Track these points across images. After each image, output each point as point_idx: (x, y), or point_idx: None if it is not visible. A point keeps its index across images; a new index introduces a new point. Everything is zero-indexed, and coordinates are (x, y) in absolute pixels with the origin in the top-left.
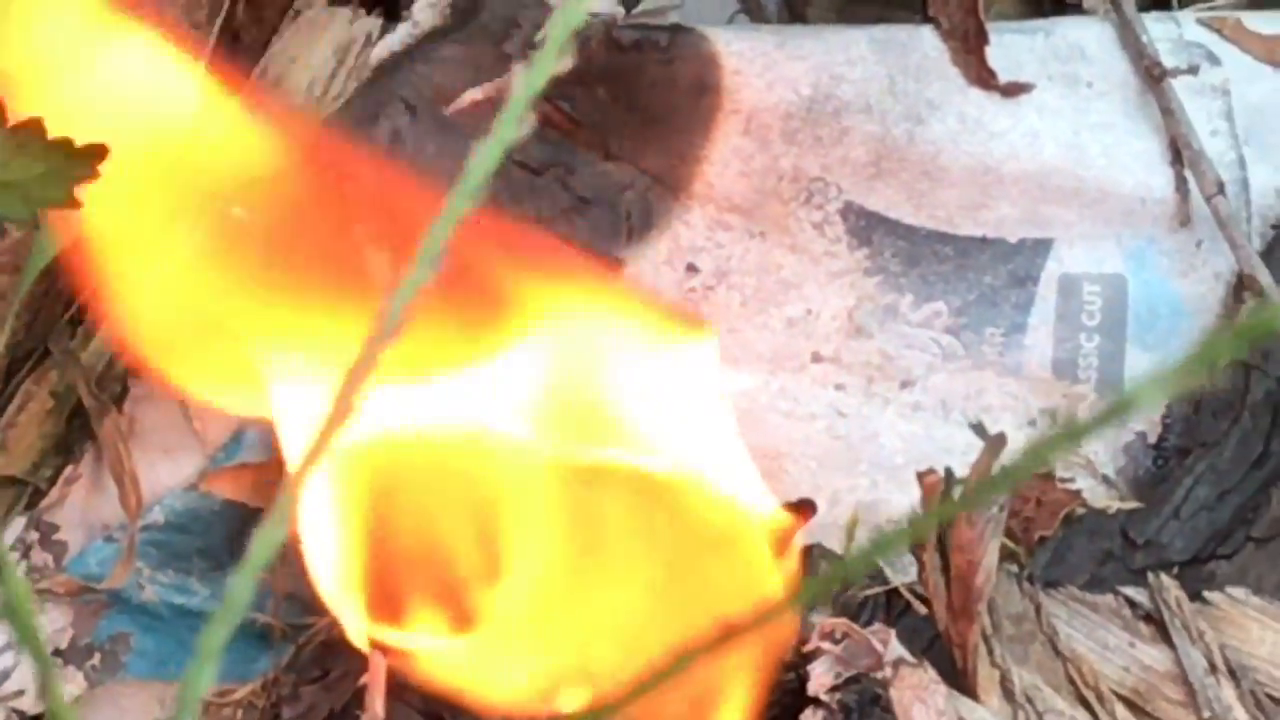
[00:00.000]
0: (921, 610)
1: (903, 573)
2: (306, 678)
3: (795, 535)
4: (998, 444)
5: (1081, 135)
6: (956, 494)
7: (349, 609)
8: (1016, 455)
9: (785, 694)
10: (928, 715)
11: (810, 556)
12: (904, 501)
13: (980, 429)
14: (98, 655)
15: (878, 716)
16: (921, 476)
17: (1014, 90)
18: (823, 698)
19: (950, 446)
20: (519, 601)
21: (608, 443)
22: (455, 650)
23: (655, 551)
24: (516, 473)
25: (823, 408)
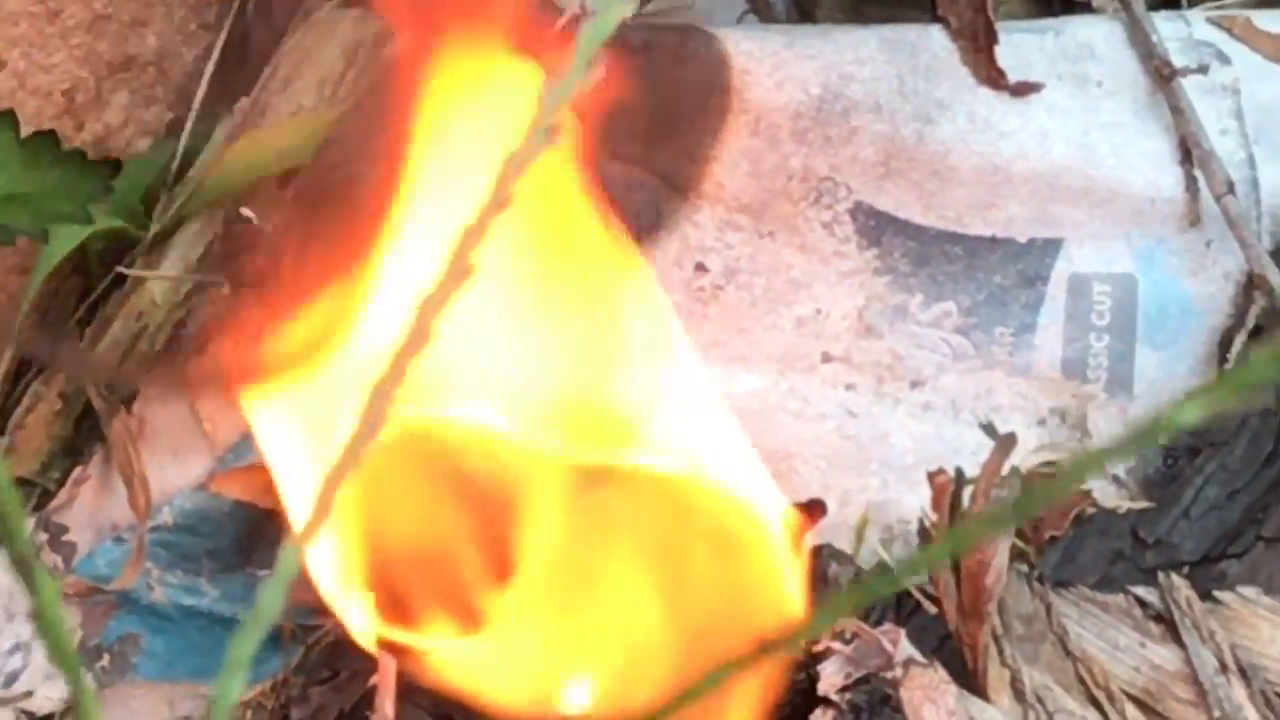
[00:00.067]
0: (932, 610)
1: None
2: (316, 679)
3: (806, 536)
4: (1008, 444)
5: (1091, 135)
6: (966, 494)
7: (358, 610)
8: (1066, 468)
9: (795, 694)
10: (938, 715)
11: (820, 557)
12: (914, 501)
13: (990, 429)
14: (107, 656)
15: (888, 716)
16: (932, 476)
17: (1023, 90)
18: (833, 697)
19: (960, 446)
20: (529, 602)
21: (617, 443)
22: (465, 651)
23: (665, 552)
24: (527, 474)
25: (833, 408)
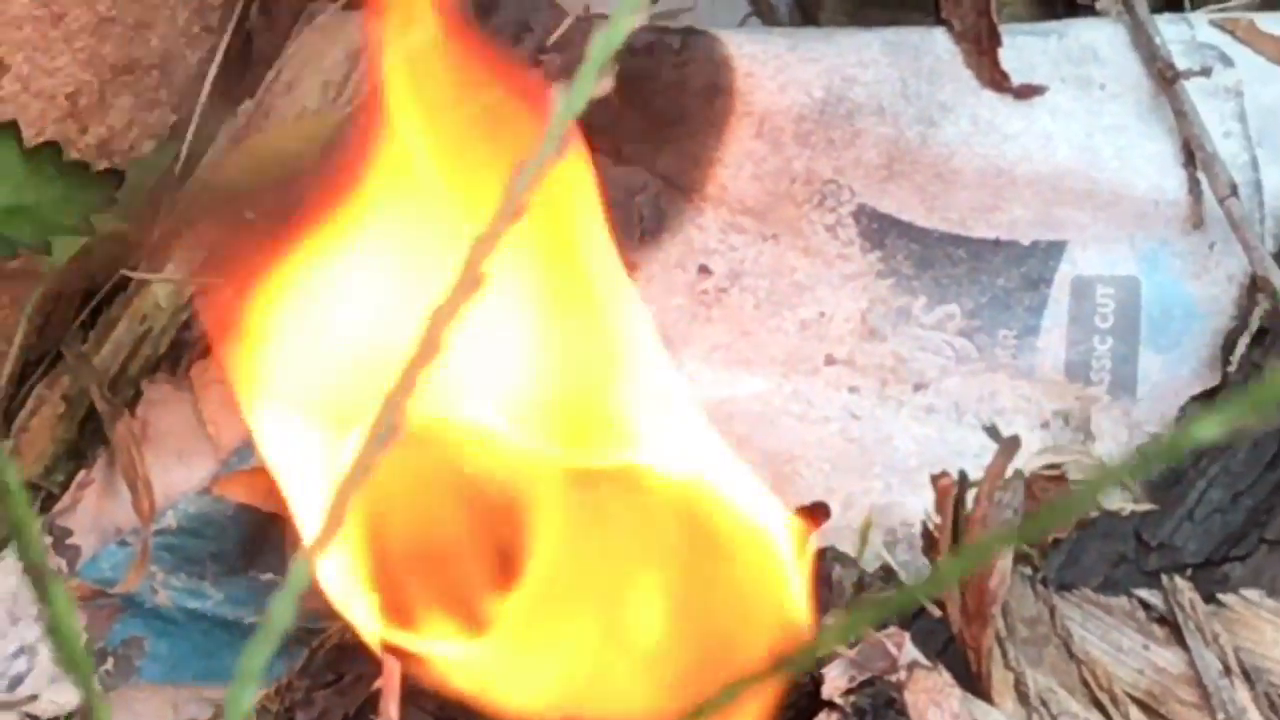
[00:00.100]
0: (936, 613)
1: (917, 575)
2: (320, 682)
3: (809, 539)
4: (1011, 446)
5: (1094, 137)
6: (970, 497)
7: (364, 613)
8: (1080, 485)
9: (800, 697)
10: (942, 718)
11: (824, 560)
12: (918, 504)
13: (994, 431)
14: (111, 660)
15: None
16: (935, 479)
17: (1027, 92)
18: (837, 701)
19: (963, 449)
20: (533, 606)
21: (620, 446)
22: (469, 655)
23: (669, 555)
24: (531, 477)
25: (836, 410)
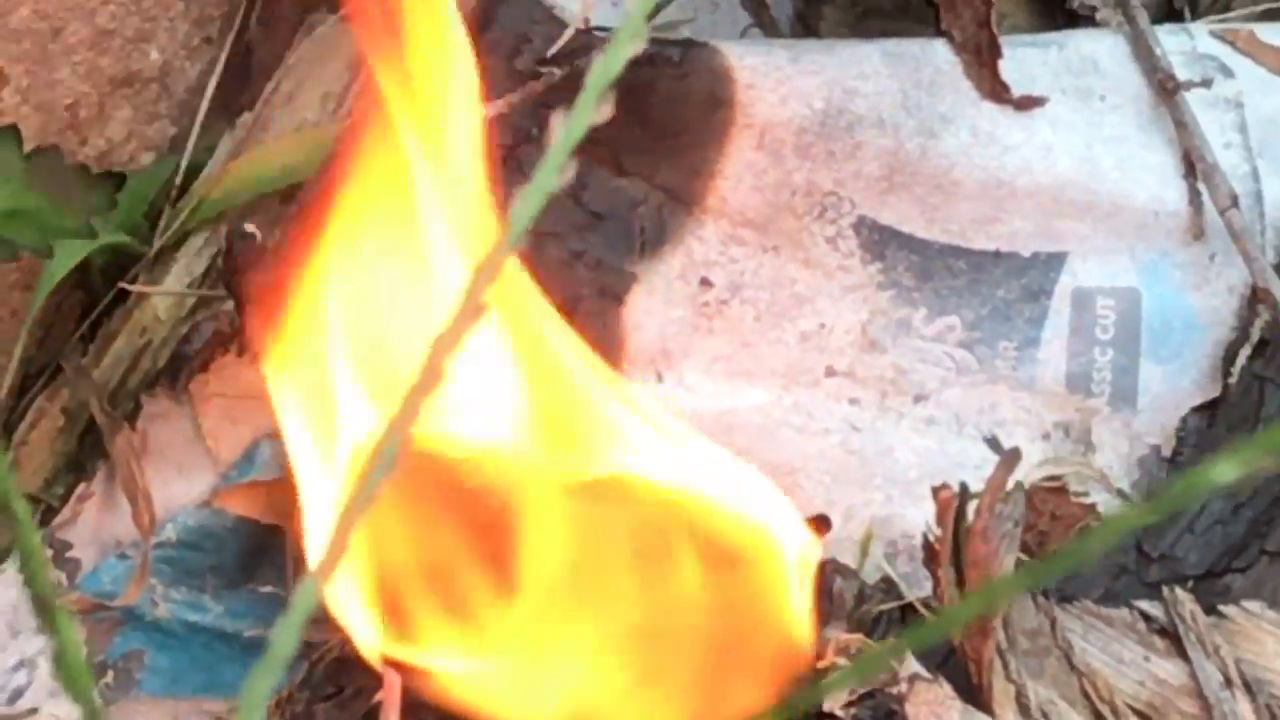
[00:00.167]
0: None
1: (917, 587)
2: (320, 695)
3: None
4: (1012, 458)
5: (1095, 148)
6: (970, 508)
7: (364, 626)
8: (1096, 528)
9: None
10: None
11: (825, 572)
12: (918, 516)
13: (994, 443)
14: (111, 673)
15: None
16: (936, 491)
17: (1027, 104)
18: (838, 713)
19: (964, 461)
20: (533, 619)
21: (619, 459)
22: (470, 668)
23: (669, 568)
24: (530, 491)
25: (836, 422)
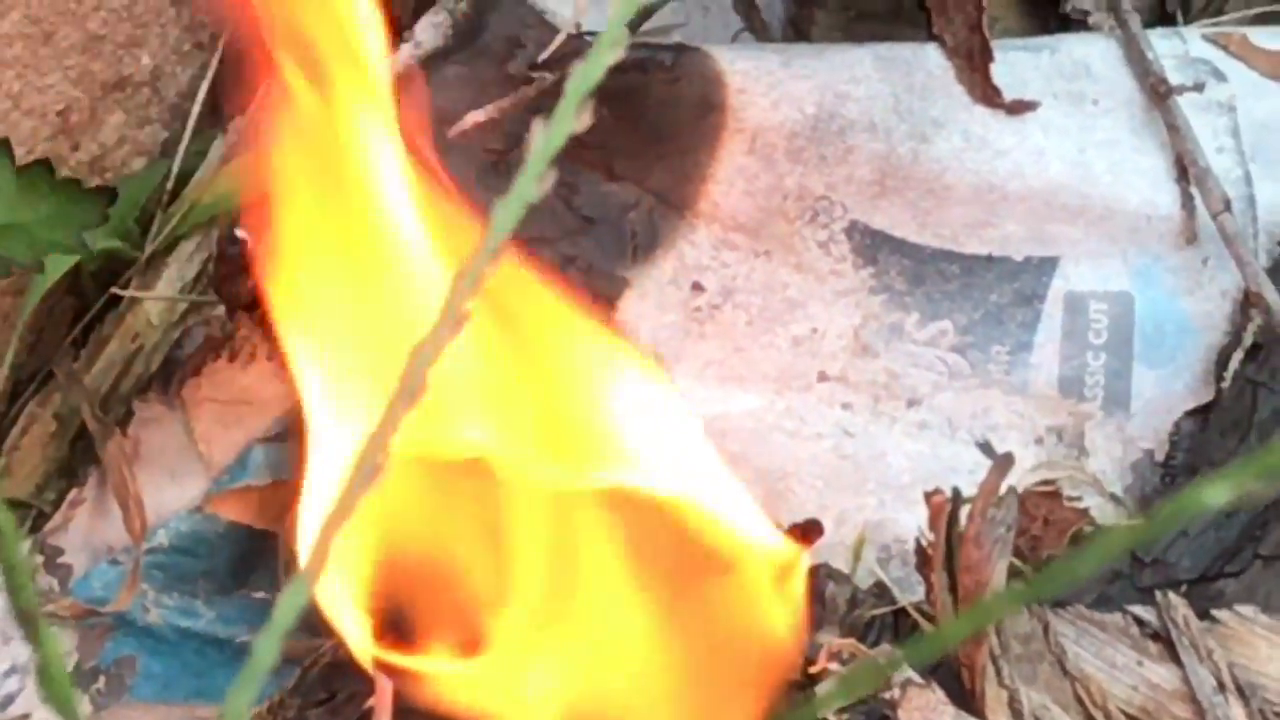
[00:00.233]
0: (930, 630)
1: (910, 592)
2: (312, 700)
3: (801, 558)
4: (1005, 463)
5: (1087, 152)
6: (963, 513)
7: (356, 631)
8: (1087, 549)
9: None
10: None
11: (817, 576)
12: (911, 521)
13: (987, 448)
14: (103, 679)
15: None
16: (929, 496)
17: (1019, 108)
18: (830, 718)
19: (957, 465)
20: (526, 625)
21: (612, 466)
22: (462, 673)
23: (662, 574)
24: (523, 497)
25: (829, 427)
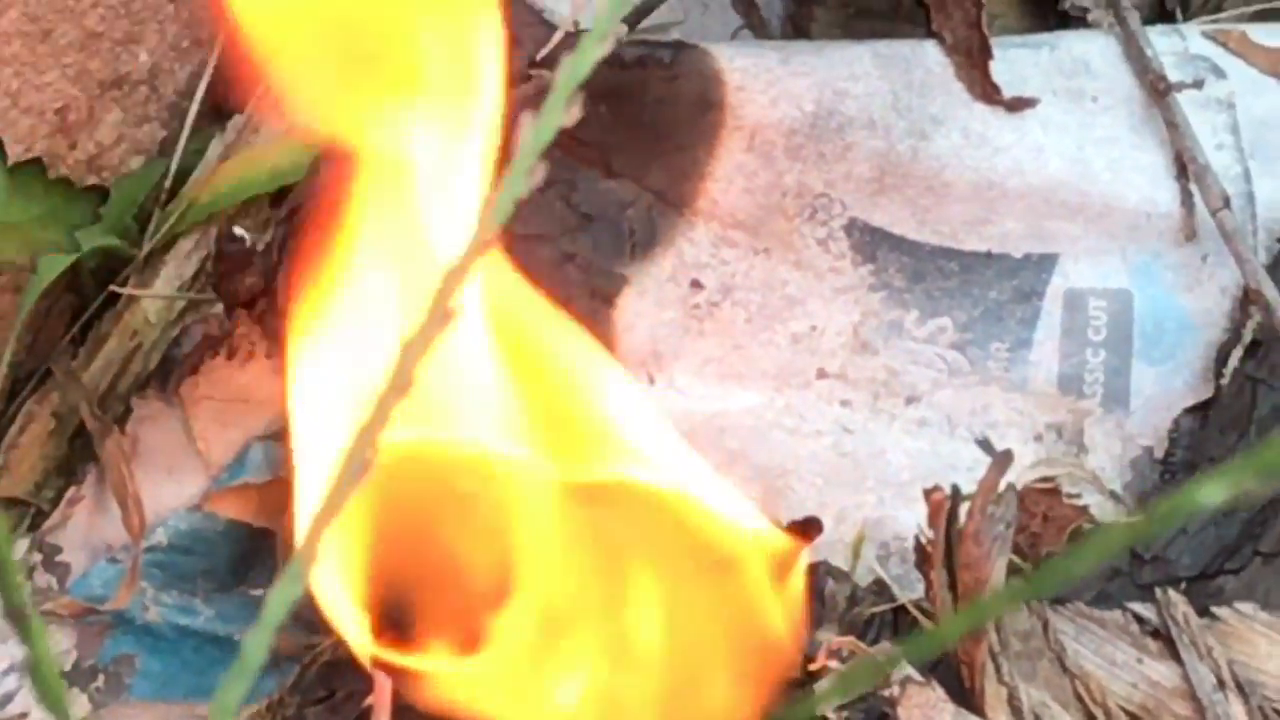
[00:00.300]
0: (929, 627)
1: (910, 589)
2: (311, 699)
3: (800, 555)
4: (1004, 460)
5: (1086, 150)
6: (962, 510)
7: (355, 629)
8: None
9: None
10: None
11: (816, 574)
12: (910, 518)
13: (986, 445)
14: (102, 677)
15: None
16: (928, 493)
17: (1018, 105)
18: (830, 716)
19: (956, 462)
20: (525, 623)
21: (611, 462)
22: (462, 671)
23: (662, 570)
24: (521, 494)
25: (828, 424)
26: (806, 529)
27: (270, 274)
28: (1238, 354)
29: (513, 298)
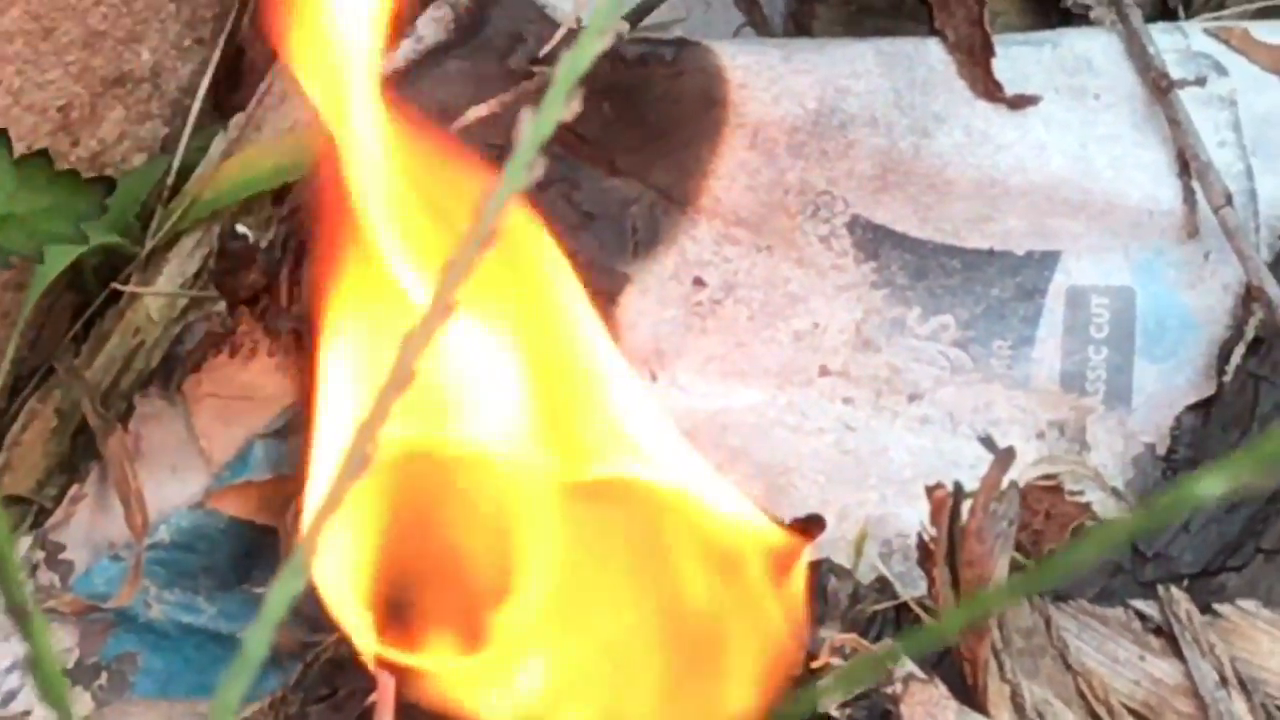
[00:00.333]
0: (931, 624)
1: (912, 587)
2: (314, 696)
3: (803, 552)
4: (1006, 457)
5: (1088, 147)
6: (965, 507)
7: (358, 627)
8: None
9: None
10: None
11: (819, 572)
12: (913, 516)
13: (989, 442)
14: (105, 675)
15: None
16: (930, 490)
17: (1020, 102)
18: (833, 713)
19: (959, 460)
20: (528, 621)
21: (614, 460)
22: (464, 670)
23: (665, 569)
24: (524, 493)
25: (831, 422)
26: (809, 526)
27: (273, 271)
28: (1240, 351)
29: (523, 288)
